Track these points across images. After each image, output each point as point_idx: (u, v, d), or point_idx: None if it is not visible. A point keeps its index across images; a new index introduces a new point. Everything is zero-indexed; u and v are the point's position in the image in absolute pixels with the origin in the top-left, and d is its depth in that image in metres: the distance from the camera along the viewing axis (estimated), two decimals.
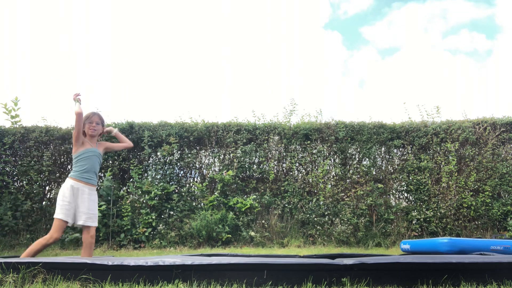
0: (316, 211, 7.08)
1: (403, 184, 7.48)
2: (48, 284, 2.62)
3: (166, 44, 18.43)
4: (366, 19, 18.16)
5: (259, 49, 18.20)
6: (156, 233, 6.71)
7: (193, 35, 18.11)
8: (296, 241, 6.73)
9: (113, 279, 2.67)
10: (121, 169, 7.35)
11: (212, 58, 18.46)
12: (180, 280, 2.67)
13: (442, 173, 7.26)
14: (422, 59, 18.34)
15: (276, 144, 7.53)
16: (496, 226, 7.12)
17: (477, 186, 7.21)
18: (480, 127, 7.60)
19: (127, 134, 7.38)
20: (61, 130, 7.41)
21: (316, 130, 7.54)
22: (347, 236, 6.84)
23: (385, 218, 7.06)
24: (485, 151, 7.39)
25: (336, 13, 18.33)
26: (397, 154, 7.69)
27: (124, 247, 6.47)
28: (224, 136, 7.47)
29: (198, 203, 7.21)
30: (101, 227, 6.53)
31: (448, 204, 7.09)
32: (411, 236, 6.96)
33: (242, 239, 6.71)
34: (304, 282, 2.70)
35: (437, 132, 7.54)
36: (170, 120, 7.63)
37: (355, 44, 19.13)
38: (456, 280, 2.78)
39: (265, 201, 7.10)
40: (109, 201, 6.77)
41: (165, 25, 18.56)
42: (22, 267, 2.68)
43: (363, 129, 7.53)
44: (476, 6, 17.86)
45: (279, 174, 7.49)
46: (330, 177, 7.47)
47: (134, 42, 17.61)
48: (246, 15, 18.48)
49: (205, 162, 7.59)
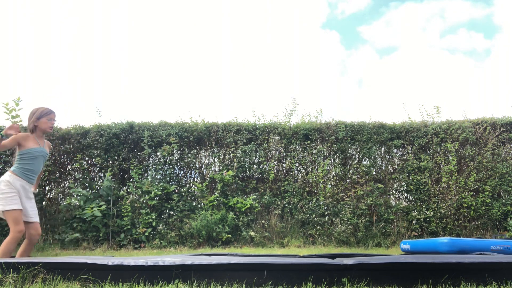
0: (316, 211, 7.08)
1: (403, 184, 7.48)
2: (48, 284, 2.61)
3: (166, 44, 18.43)
4: (364, 18, 18.17)
5: (258, 49, 18.21)
6: (156, 233, 6.71)
7: (193, 35, 18.11)
8: (296, 241, 6.73)
9: (113, 279, 2.67)
10: (121, 169, 7.36)
11: (212, 58, 18.46)
12: (180, 280, 2.67)
13: (442, 173, 7.26)
14: (420, 58, 18.36)
15: (276, 144, 7.53)
16: (496, 226, 7.12)
17: (477, 186, 7.21)
18: (480, 127, 7.60)
19: (127, 134, 7.39)
20: (61, 130, 7.42)
21: (316, 130, 7.54)
22: (347, 236, 6.84)
23: (385, 218, 7.06)
24: (485, 151, 7.39)
25: (333, 12, 18.35)
26: (397, 154, 7.69)
27: (124, 247, 6.47)
28: (224, 136, 7.47)
29: (198, 203, 7.22)
30: (101, 227, 6.53)
31: (448, 204, 7.09)
32: (411, 236, 6.96)
33: (242, 239, 6.71)
34: (304, 282, 2.70)
35: (437, 132, 7.54)
36: (170, 120, 7.64)
37: (353, 44, 19.14)
38: (456, 280, 2.78)
39: (265, 201, 7.10)
40: (109, 201, 6.77)
41: (165, 25, 18.57)
42: (22, 267, 2.68)
43: (363, 129, 7.53)
44: (474, 5, 17.88)
45: (279, 174, 7.49)
46: (330, 177, 7.47)
47: (134, 42, 17.61)
48: (245, 15, 18.48)
49: (205, 162, 7.59)
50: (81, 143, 7.30)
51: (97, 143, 7.27)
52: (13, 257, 3.36)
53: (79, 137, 7.35)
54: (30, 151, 3.48)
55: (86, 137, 7.36)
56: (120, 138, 7.35)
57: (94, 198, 6.82)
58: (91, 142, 7.27)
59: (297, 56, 18.03)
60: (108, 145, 7.30)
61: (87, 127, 7.51)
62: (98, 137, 7.32)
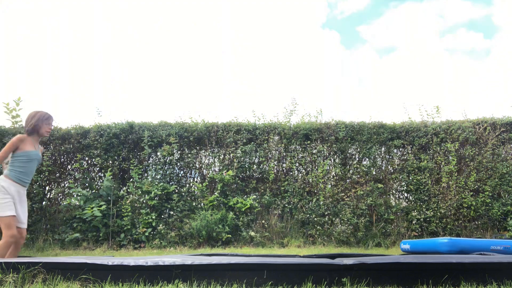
0: (316, 211, 7.08)
1: (403, 184, 7.48)
2: (48, 284, 2.61)
3: (166, 44, 18.44)
4: (364, 18, 18.17)
5: (258, 49, 18.21)
6: (156, 233, 6.71)
7: (193, 35, 18.12)
8: (296, 241, 6.73)
9: (113, 279, 2.67)
10: (121, 169, 7.36)
11: (212, 58, 18.47)
12: (180, 280, 2.67)
13: (442, 173, 7.26)
14: (420, 58, 18.36)
15: (276, 144, 7.53)
16: (496, 226, 7.12)
17: (477, 186, 7.21)
18: (480, 127, 7.60)
19: (127, 134, 7.39)
20: (61, 130, 7.41)
21: (316, 130, 7.54)
22: (347, 236, 6.84)
23: (385, 218, 7.06)
24: (485, 151, 7.38)
25: (333, 12, 18.35)
26: (397, 154, 7.69)
27: (124, 247, 6.47)
28: (224, 136, 7.47)
29: (198, 203, 7.21)
30: (101, 227, 6.53)
31: (448, 204, 7.09)
32: (411, 236, 6.96)
33: (242, 239, 6.71)
34: (304, 282, 2.70)
35: (437, 132, 7.54)
36: (170, 120, 7.63)
37: (353, 44, 19.15)
38: (456, 280, 2.78)
39: (265, 201, 7.10)
40: (109, 201, 6.77)
41: (165, 25, 18.56)
42: (22, 267, 2.68)
43: (363, 129, 7.53)
44: (473, 5, 17.88)
45: (279, 174, 7.49)
46: (330, 177, 7.47)
47: (134, 42, 17.61)
48: (245, 15, 18.48)
49: (205, 162, 7.58)
50: (81, 143, 7.30)
51: (97, 143, 7.27)
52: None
53: (79, 137, 7.34)
54: (27, 153, 3.49)
55: (86, 137, 7.35)
56: (120, 138, 7.35)
57: (94, 198, 6.82)
58: (91, 142, 7.27)
59: (297, 56, 18.04)
60: (108, 145, 7.30)
61: (87, 127, 7.50)
62: (98, 137, 7.32)
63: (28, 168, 3.51)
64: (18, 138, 3.45)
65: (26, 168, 3.50)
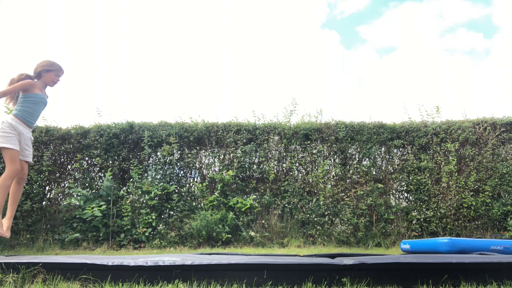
0: (316, 211, 7.08)
1: (403, 184, 7.48)
2: (48, 284, 2.61)
3: (166, 44, 18.43)
4: (363, 18, 18.15)
5: (258, 49, 18.20)
6: (156, 233, 6.71)
7: (193, 35, 18.11)
8: (296, 241, 6.73)
9: (113, 279, 2.67)
10: (121, 169, 7.35)
11: (212, 58, 18.46)
12: (180, 280, 2.67)
13: (442, 173, 7.26)
14: (420, 58, 18.33)
15: (276, 144, 7.53)
16: (496, 226, 7.12)
17: (477, 186, 7.21)
18: (480, 127, 7.60)
19: (127, 134, 7.39)
20: (61, 130, 7.41)
21: (316, 130, 7.54)
22: (347, 236, 6.84)
23: (385, 218, 7.06)
24: (485, 151, 7.38)
25: (333, 12, 18.33)
26: (397, 154, 7.69)
27: (124, 247, 6.47)
28: (224, 136, 7.47)
29: (198, 203, 7.21)
30: (101, 227, 6.53)
31: (448, 204, 7.09)
32: (411, 236, 6.96)
33: (242, 239, 6.71)
34: (304, 282, 2.70)
35: (437, 132, 7.54)
36: (170, 120, 7.63)
37: (353, 44, 19.13)
38: (456, 280, 2.78)
39: (265, 201, 7.10)
40: (109, 201, 6.77)
41: (165, 25, 18.55)
42: (22, 267, 2.68)
43: (363, 129, 7.53)
44: (473, 5, 17.86)
45: (279, 174, 7.49)
46: (330, 177, 7.47)
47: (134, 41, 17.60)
48: (245, 15, 18.47)
49: (205, 162, 7.58)
50: (81, 143, 7.30)
51: (97, 143, 7.27)
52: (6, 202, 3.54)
53: (79, 137, 7.34)
54: (36, 95, 3.63)
55: (86, 137, 7.35)
56: (120, 138, 7.35)
57: (94, 198, 6.82)
58: (91, 142, 7.27)
59: (297, 56, 18.01)
60: (108, 145, 7.30)
61: (87, 127, 7.50)
62: (98, 137, 7.32)
63: (35, 109, 3.66)
64: (27, 83, 3.59)
65: (33, 109, 3.65)
